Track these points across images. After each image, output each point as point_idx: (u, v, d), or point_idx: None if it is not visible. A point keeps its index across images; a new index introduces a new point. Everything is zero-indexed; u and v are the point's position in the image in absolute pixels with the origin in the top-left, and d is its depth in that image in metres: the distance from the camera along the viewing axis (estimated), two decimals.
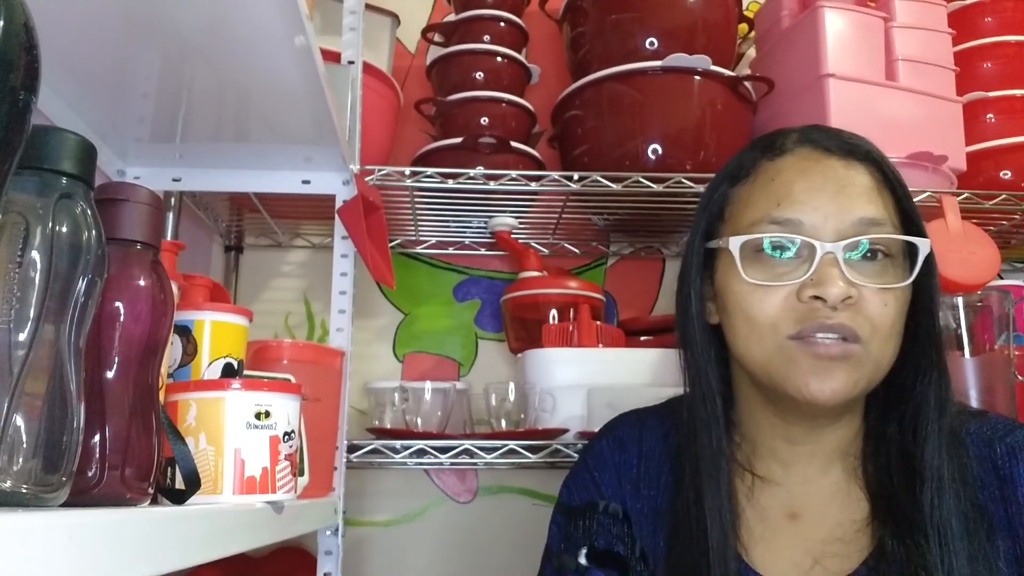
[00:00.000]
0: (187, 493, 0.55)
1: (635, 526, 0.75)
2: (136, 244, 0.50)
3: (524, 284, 1.36)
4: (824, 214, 0.67)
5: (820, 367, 0.65)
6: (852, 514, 0.70)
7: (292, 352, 0.93)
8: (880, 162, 0.71)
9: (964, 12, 1.39)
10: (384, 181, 1.21)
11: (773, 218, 0.68)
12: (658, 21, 1.28)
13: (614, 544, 0.75)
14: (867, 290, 0.66)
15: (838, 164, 0.70)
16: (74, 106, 0.90)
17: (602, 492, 0.78)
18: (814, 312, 0.65)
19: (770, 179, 0.71)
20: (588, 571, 0.75)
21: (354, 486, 1.38)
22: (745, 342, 0.69)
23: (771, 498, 0.73)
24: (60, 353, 0.39)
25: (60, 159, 0.40)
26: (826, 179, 0.69)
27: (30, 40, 0.34)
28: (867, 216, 0.67)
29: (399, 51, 1.57)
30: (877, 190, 0.69)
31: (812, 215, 0.67)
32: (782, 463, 0.73)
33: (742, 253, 0.69)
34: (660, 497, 0.76)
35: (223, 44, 0.79)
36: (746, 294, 0.68)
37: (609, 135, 1.27)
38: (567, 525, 0.78)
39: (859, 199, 0.68)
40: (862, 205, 0.68)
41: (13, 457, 0.36)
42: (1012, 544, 0.66)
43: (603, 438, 0.82)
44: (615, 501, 0.77)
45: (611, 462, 0.79)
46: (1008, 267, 1.56)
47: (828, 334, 0.65)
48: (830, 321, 0.65)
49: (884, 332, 0.66)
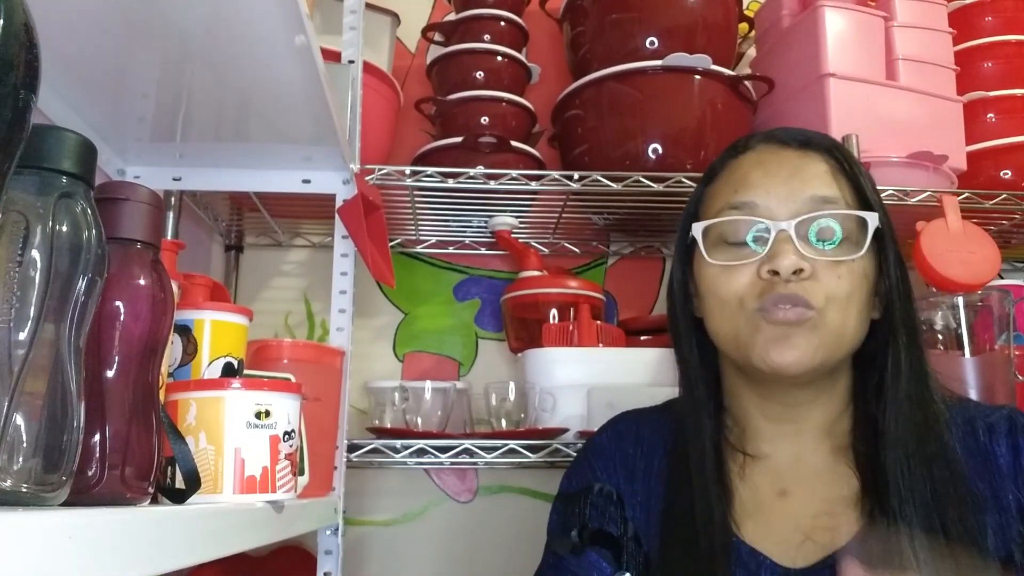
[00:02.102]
0: (187, 492, 0.55)
1: (628, 508, 0.78)
2: (136, 243, 0.50)
3: (524, 284, 1.36)
4: (778, 196, 0.72)
5: (779, 334, 0.69)
6: (841, 491, 0.72)
7: (292, 351, 0.93)
8: (837, 152, 0.75)
9: (964, 12, 1.39)
10: (384, 180, 1.21)
11: (731, 203, 0.74)
12: (658, 20, 1.28)
13: (607, 525, 0.78)
14: (820, 263, 0.69)
15: (793, 154, 0.75)
16: (74, 106, 0.90)
17: (597, 476, 0.81)
18: (772, 286, 0.69)
19: (731, 173, 0.77)
20: (582, 551, 0.77)
21: (354, 486, 1.38)
22: (718, 321, 0.73)
23: (762, 476, 0.75)
24: (60, 352, 0.39)
25: (60, 158, 0.40)
26: (780, 167, 0.74)
27: (30, 40, 0.34)
28: (819, 195, 0.71)
29: (399, 50, 1.57)
30: (832, 174, 0.73)
31: (766, 198, 0.72)
32: (769, 442, 0.76)
33: (710, 241, 0.74)
34: (654, 481, 0.78)
35: (223, 43, 0.79)
36: (714, 276, 0.73)
37: (609, 134, 1.27)
38: (564, 511, 0.81)
39: (812, 180, 0.72)
40: (815, 185, 0.72)
41: (13, 456, 0.36)
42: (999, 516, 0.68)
43: (603, 432, 0.86)
44: (609, 484, 0.80)
45: (608, 451, 0.82)
46: (1008, 267, 1.56)
47: (783, 304, 0.69)
48: (784, 291, 0.69)
49: (840, 301, 0.69)
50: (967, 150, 1.30)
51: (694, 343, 0.78)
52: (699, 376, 0.78)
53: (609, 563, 0.76)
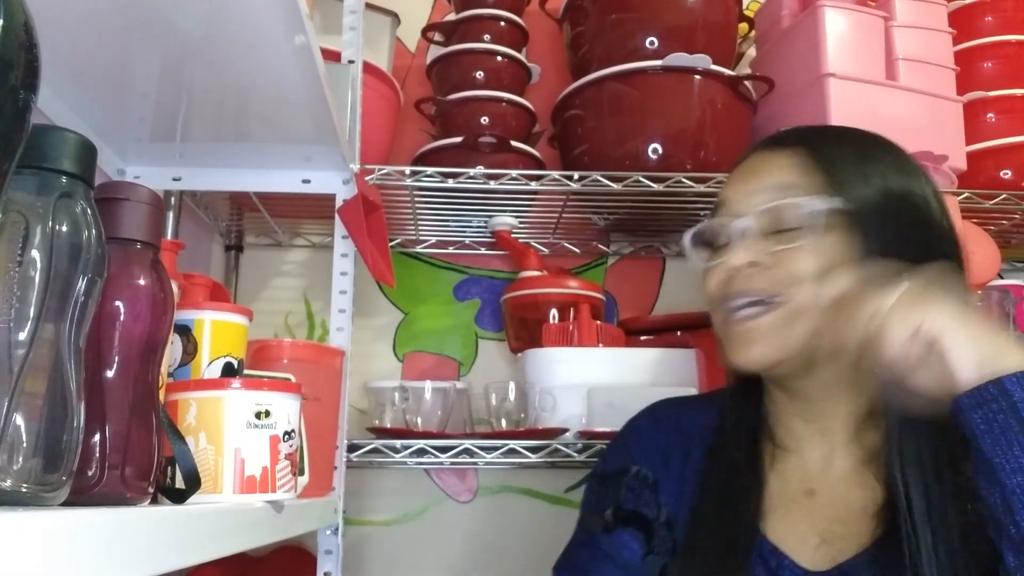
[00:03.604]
0: (187, 492, 0.55)
1: (663, 493, 0.78)
2: (136, 243, 0.50)
3: (524, 284, 1.36)
4: (743, 192, 0.74)
5: (740, 332, 0.71)
6: (864, 500, 0.71)
7: (292, 351, 0.93)
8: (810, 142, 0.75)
9: (964, 11, 1.39)
10: (384, 180, 1.21)
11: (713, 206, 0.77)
12: (658, 20, 1.28)
13: (641, 508, 0.78)
14: (778, 252, 0.70)
15: (765, 152, 0.77)
16: (74, 105, 0.90)
17: (634, 459, 0.81)
18: (731, 281, 0.72)
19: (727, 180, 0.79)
20: (614, 529, 0.77)
21: (354, 485, 1.38)
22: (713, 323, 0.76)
23: (792, 472, 0.75)
24: (60, 352, 0.39)
25: (60, 158, 0.40)
26: (752, 165, 0.76)
27: (30, 39, 0.34)
28: (775, 183, 0.72)
29: (399, 50, 1.57)
30: (799, 165, 0.73)
31: (733, 196, 0.75)
32: (798, 439, 0.76)
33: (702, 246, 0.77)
34: (689, 470, 0.78)
35: (223, 43, 0.79)
36: (702, 277, 0.76)
37: (609, 134, 1.27)
38: (599, 490, 0.82)
39: (772, 172, 0.73)
40: (774, 175, 0.73)
41: (13, 456, 0.36)
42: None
43: (641, 417, 0.86)
44: (646, 468, 0.80)
45: (645, 435, 0.83)
46: (1008, 267, 1.56)
47: (739, 300, 0.71)
48: (739, 287, 0.71)
49: (807, 284, 0.68)
50: (967, 150, 1.30)
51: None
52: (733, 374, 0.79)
53: (640, 545, 0.76)
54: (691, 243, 0.77)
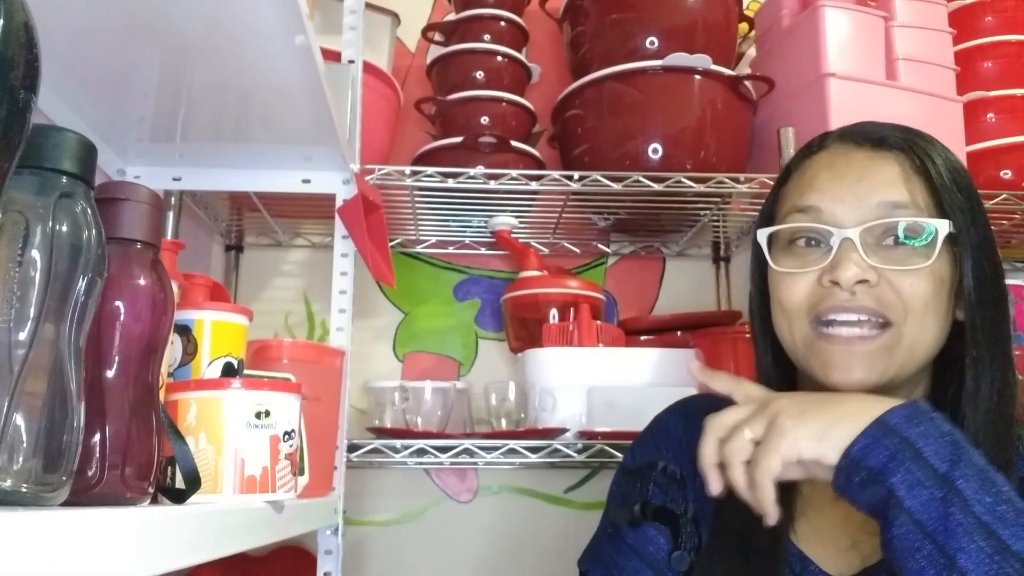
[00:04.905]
0: (187, 492, 0.55)
1: (690, 489, 0.77)
2: (136, 243, 0.50)
3: (524, 283, 1.36)
4: (843, 201, 0.69)
5: (839, 355, 0.66)
6: None
7: (292, 351, 0.93)
8: (913, 150, 0.71)
9: (964, 11, 1.39)
10: (384, 180, 1.21)
11: (797, 207, 0.71)
12: (658, 20, 1.28)
13: (669, 503, 0.77)
14: (890, 273, 0.66)
15: (864, 155, 0.71)
16: (74, 106, 0.90)
17: (662, 454, 0.80)
18: (832, 296, 0.67)
19: (802, 174, 0.74)
20: (640, 524, 0.76)
21: (354, 486, 1.38)
22: (780, 328, 0.72)
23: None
24: (60, 352, 0.39)
25: (60, 158, 0.40)
26: (849, 169, 0.70)
27: (30, 39, 0.34)
28: (887, 200, 0.68)
29: (399, 50, 1.57)
30: (903, 176, 0.69)
31: (831, 203, 0.69)
32: None
33: (777, 245, 0.72)
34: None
35: (223, 43, 0.79)
36: (778, 282, 0.71)
37: (609, 134, 1.27)
38: (626, 484, 0.80)
39: (881, 186, 0.68)
40: (883, 190, 0.68)
41: (13, 456, 0.36)
42: None
43: (669, 412, 0.84)
44: (674, 463, 0.78)
45: (674, 430, 0.81)
46: (1008, 267, 1.56)
47: (847, 315, 0.66)
48: (850, 304, 0.66)
49: (917, 312, 0.66)
50: (967, 150, 1.30)
51: (769, 342, 0.76)
52: (772, 375, 0.76)
53: (667, 540, 0.75)
54: (772, 242, 0.72)
